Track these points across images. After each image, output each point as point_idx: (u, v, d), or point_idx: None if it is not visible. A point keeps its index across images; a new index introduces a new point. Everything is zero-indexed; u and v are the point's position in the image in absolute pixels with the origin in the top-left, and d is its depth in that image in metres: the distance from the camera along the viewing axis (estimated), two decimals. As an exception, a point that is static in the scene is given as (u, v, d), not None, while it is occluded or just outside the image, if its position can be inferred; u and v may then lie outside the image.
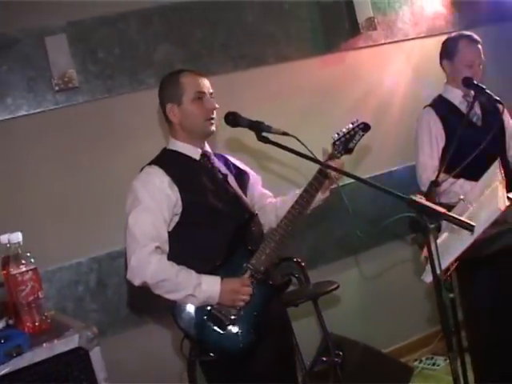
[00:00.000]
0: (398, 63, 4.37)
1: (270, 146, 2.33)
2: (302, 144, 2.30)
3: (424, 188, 3.28)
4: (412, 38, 4.40)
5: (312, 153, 2.28)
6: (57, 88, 3.37)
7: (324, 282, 3.63)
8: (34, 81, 3.35)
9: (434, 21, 4.47)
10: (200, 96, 2.55)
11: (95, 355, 2.28)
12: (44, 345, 2.22)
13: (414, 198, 1.91)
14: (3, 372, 2.10)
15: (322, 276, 3.79)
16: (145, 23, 3.60)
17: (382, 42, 4.30)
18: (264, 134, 2.37)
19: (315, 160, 2.30)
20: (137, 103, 3.54)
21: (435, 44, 3.70)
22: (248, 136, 2.47)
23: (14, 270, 2.33)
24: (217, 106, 2.57)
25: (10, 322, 2.44)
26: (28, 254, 2.37)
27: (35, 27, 3.33)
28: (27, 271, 2.34)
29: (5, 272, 2.37)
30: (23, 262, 2.35)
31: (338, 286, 3.51)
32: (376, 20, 4.11)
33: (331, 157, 2.61)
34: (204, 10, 3.75)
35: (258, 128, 2.37)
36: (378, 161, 4.22)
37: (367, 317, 4.16)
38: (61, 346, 2.24)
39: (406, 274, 4.14)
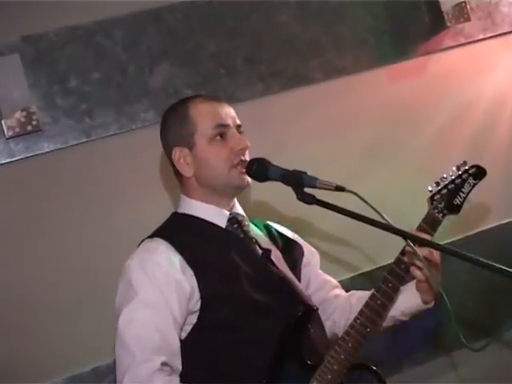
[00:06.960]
0: (505, 66, 3.67)
1: (316, 210, 1.95)
2: (371, 206, 1.80)
3: None
4: (523, 29, 3.76)
5: (386, 218, 1.80)
6: (10, 133, 2.97)
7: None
8: (-23, 124, 2.97)
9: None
10: (221, 132, 2.15)
11: None
12: None
13: None
14: None
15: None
16: (134, 34, 3.14)
17: (480, 37, 3.62)
18: (307, 189, 1.95)
19: (393, 229, 1.77)
20: (128, 148, 3.09)
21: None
22: (281, 194, 2.14)
23: None
24: (248, 143, 2.19)
25: None
26: None
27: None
28: None
29: None
30: None
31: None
32: (469, 6, 3.47)
33: (429, 219, 2.17)
34: (218, 12, 3.26)
35: (297, 182, 1.94)
36: (485, 210, 3.57)
37: None
38: None
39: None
